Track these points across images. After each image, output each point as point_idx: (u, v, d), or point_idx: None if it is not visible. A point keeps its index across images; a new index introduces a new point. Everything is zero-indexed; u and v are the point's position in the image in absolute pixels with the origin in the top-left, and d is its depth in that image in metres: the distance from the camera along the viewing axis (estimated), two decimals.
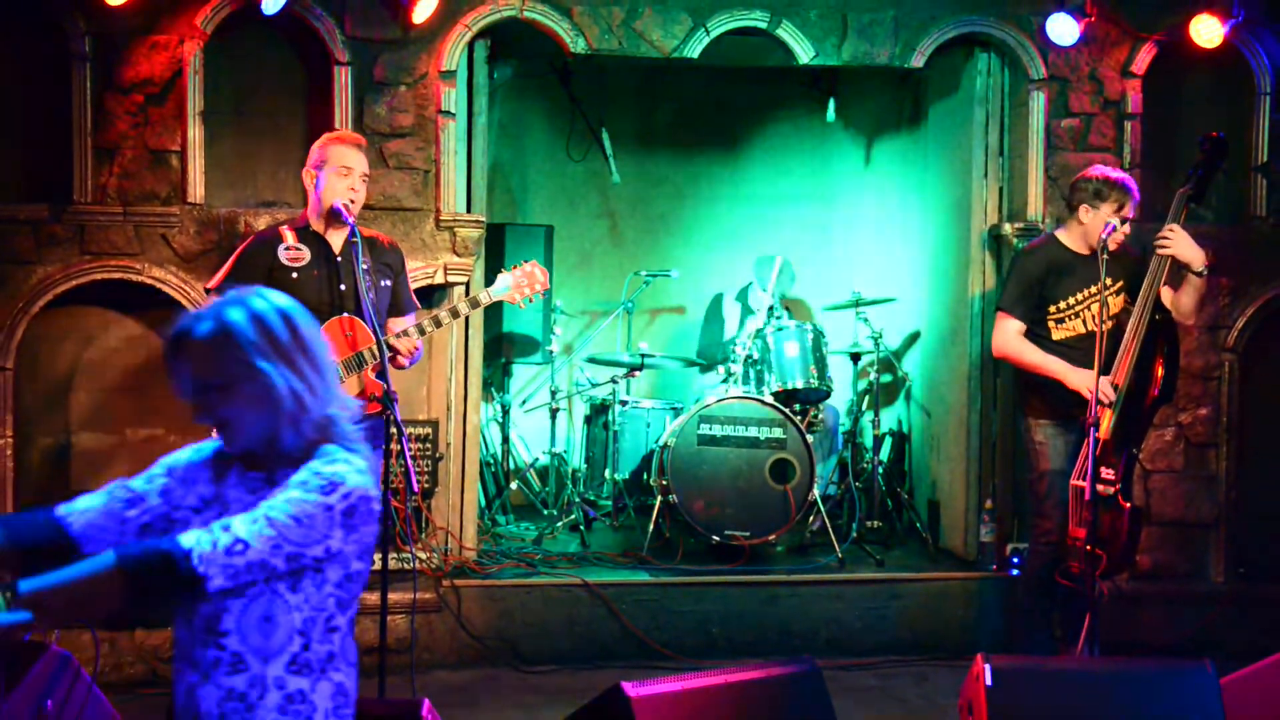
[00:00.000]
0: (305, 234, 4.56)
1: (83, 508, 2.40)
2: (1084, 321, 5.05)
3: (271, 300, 2.39)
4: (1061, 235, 5.15)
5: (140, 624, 5.22)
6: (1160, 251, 4.85)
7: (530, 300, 4.84)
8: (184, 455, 2.49)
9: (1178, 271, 4.91)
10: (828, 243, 8.32)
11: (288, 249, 4.49)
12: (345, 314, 4.47)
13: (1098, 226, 4.93)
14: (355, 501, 2.28)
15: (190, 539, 2.18)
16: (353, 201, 4.51)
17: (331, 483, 2.26)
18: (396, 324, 4.69)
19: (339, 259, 4.54)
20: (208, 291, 4.58)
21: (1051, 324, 5.06)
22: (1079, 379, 4.86)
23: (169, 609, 2.30)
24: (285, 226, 4.60)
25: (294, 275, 4.46)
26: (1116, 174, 5.01)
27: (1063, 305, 5.05)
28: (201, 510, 2.40)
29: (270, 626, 2.29)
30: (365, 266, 4.45)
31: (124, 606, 2.16)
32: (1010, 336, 5.09)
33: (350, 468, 2.31)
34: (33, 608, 2.11)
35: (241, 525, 2.21)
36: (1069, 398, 4.90)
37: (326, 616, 2.34)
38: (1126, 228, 4.95)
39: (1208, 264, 4.91)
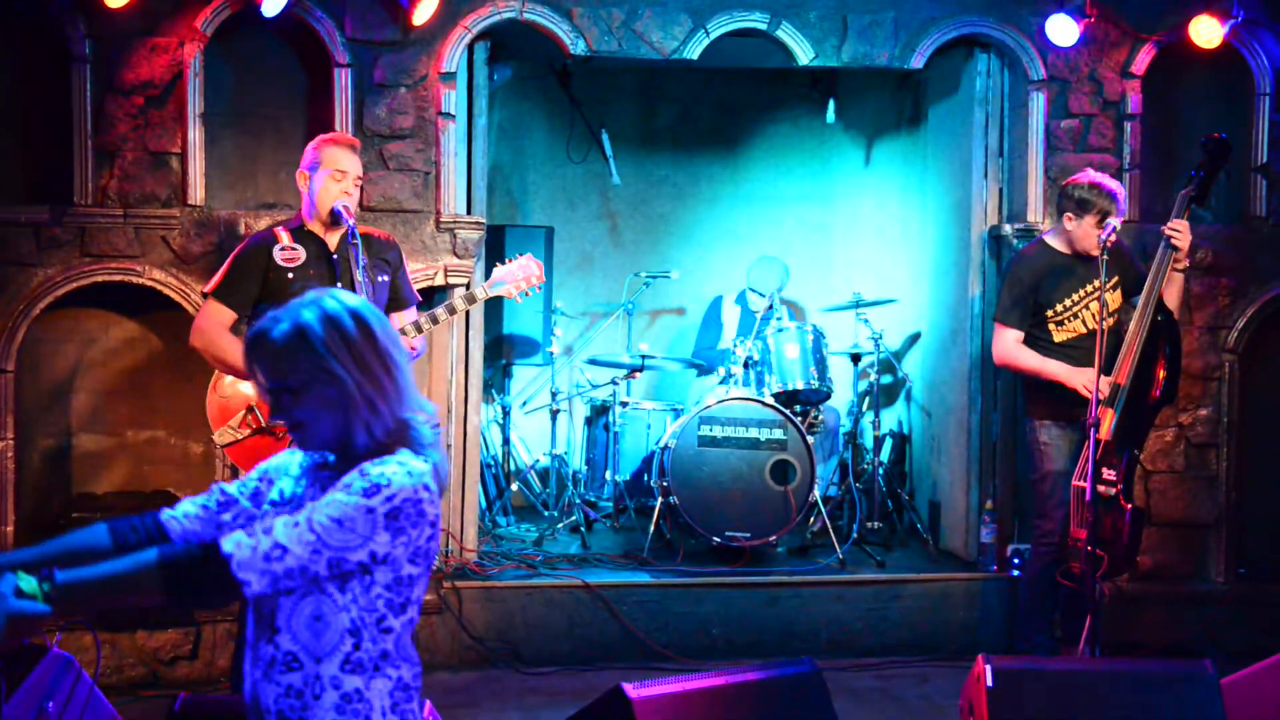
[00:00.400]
0: (300, 234, 4.56)
1: (183, 512, 2.45)
2: (1083, 321, 5.07)
3: (345, 302, 2.38)
4: (1051, 240, 5.18)
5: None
6: (1174, 240, 4.87)
7: (527, 294, 4.81)
8: (279, 458, 2.53)
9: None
10: (828, 244, 8.33)
11: (282, 249, 4.49)
12: None
13: (1082, 234, 5.00)
14: (400, 504, 2.25)
15: (231, 543, 2.18)
16: (347, 203, 4.51)
17: (375, 484, 2.24)
18: (398, 319, 4.69)
19: (335, 257, 4.54)
20: (205, 296, 4.57)
21: (1052, 327, 5.09)
22: (1079, 379, 4.87)
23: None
24: (280, 228, 4.60)
25: (289, 275, 4.46)
26: (1103, 182, 5.02)
27: (1059, 309, 5.07)
28: (279, 508, 2.41)
29: (321, 626, 2.27)
30: (363, 264, 4.44)
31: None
32: (1009, 345, 5.13)
33: (400, 469, 2.27)
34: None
35: (283, 529, 2.21)
36: (1073, 398, 4.91)
37: (378, 618, 2.31)
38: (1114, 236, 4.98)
39: (1189, 263, 5.05)
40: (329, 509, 2.22)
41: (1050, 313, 5.08)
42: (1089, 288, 5.05)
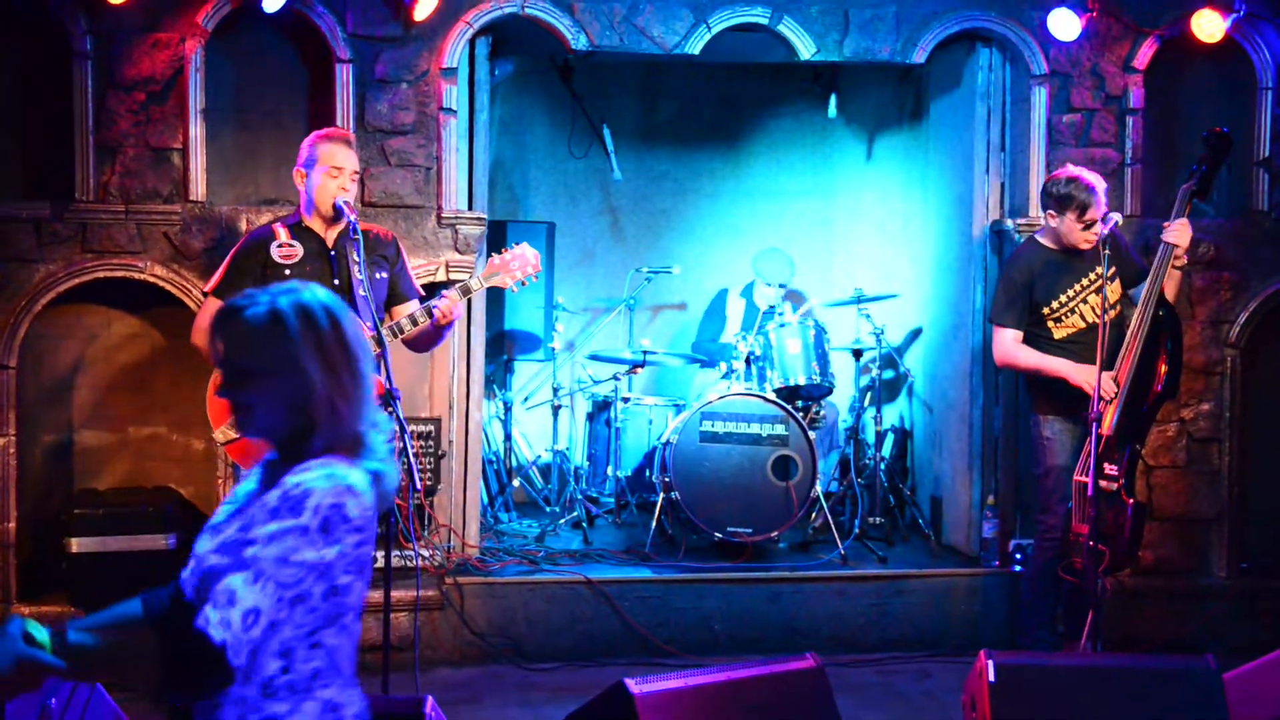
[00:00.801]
0: (298, 230, 4.56)
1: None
2: (1081, 316, 5.07)
3: (323, 298, 2.32)
4: (1042, 238, 5.19)
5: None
6: (1167, 238, 4.88)
7: (524, 283, 4.75)
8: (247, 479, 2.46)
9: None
10: (829, 239, 8.32)
11: (280, 246, 4.49)
12: None
13: (1066, 230, 5.05)
14: (327, 513, 2.16)
15: (216, 629, 2.07)
16: (347, 199, 4.50)
17: (297, 500, 2.16)
18: (398, 313, 4.68)
19: (333, 254, 4.53)
20: (206, 295, 4.57)
21: (1050, 324, 5.09)
22: (1082, 375, 4.87)
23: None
24: (279, 224, 4.60)
25: (287, 272, 4.46)
26: (1080, 175, 5.05)
27: (1055, 305, 5.07)
28: (232, 517, 2.32)
29: (259, 655, 2.19)
30: (361, 259, 4.43)
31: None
32: (1008, 345, 5.13)
33: (319, 474, 2.20)
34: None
35: (245, 589, 2.11)
36: (1076, 393, 4.91)
37: (308, 631, 2.22)
38: (1100, 228, 4.98)
39: (1188, 260, 5.09)
40: (269, 547, 2.13)
41: (1047, 310, 5.08)
42: (1084, 281, 5.05)
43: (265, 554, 2.13)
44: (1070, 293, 5.07)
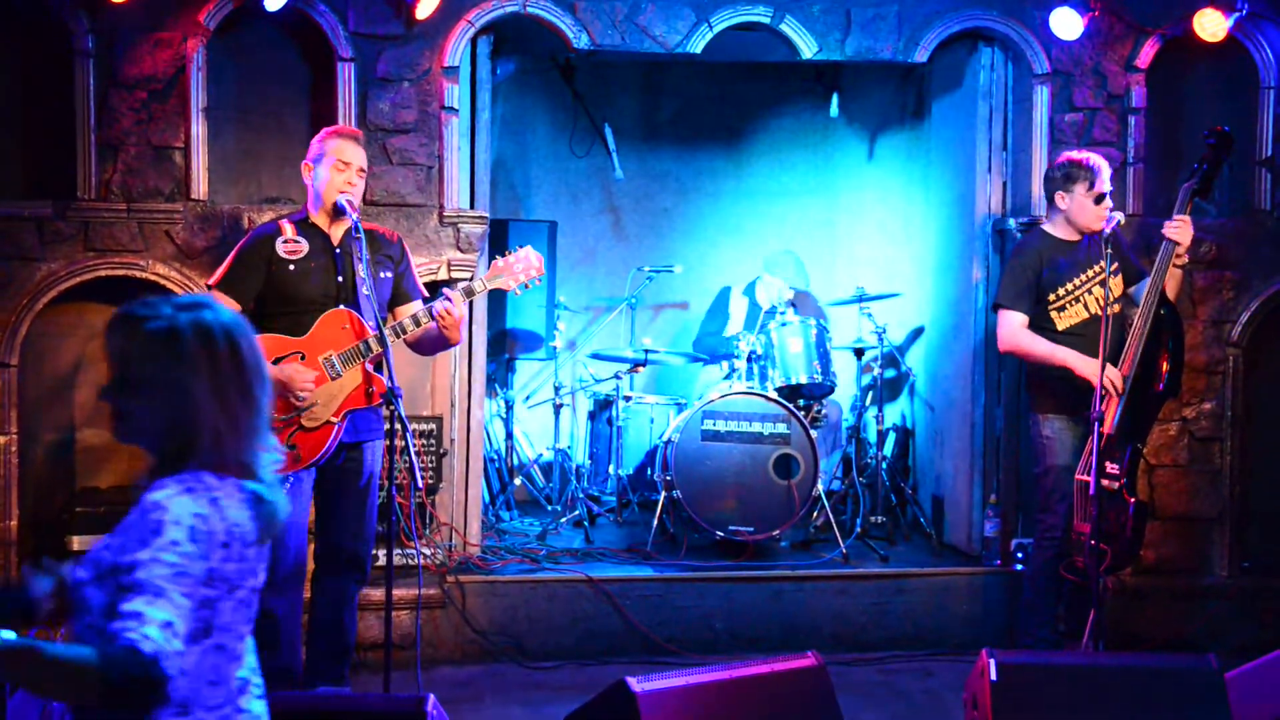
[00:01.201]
0: (304, 227, 4.56)
1: None
2: (1085, 306, 5.05)
3: (226, 320, 2.27)
4: (1048, 228, 5.17)
5: None
6: (1169, 235, 4.87)
7: (527, 286, 4.75)
8: None
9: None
10: (831, 238, 8.32)
11: (285, 242, 4.49)
12: (343, 306, 4.47)
13: (1078, 207, 5.02)
14: (190, 523, 2.12)
15: (148, 644, 2.00)
16: (350, 196, 4.49)
17: (158, 521, 2.10)
18: (402, 313, 4.68)
19: (338, 251, 4.54)
20: (209, 288, 4.57)
21: (1054, 314, 5.06)
22: (1088, 367, 4.84)
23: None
24: (285, 220, 4.60)
25: (291, 268, 4.46)
26: (1079, 154, 5.09)
27: (1061, 293, 5.05)
28: (114, 535, 2.24)
29: None
30: (365, 258, 4.43)
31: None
32: (1016, 330, 5.08)
33: (176, 488, 2.15)
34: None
35: (150, 609, 2.04)
36: (1077, 391, 4.89)
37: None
38: (1109, 202, 5.00)
39: (1189, 259, 5.06)
40: (157, 569, 2.07)
41: (1052, 296, 5.06)
42: (1089, 273, 5.04)
43: (152, 572, 2.07)
44: (1076, 281, 5.05)
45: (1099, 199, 4.98)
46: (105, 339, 2.27)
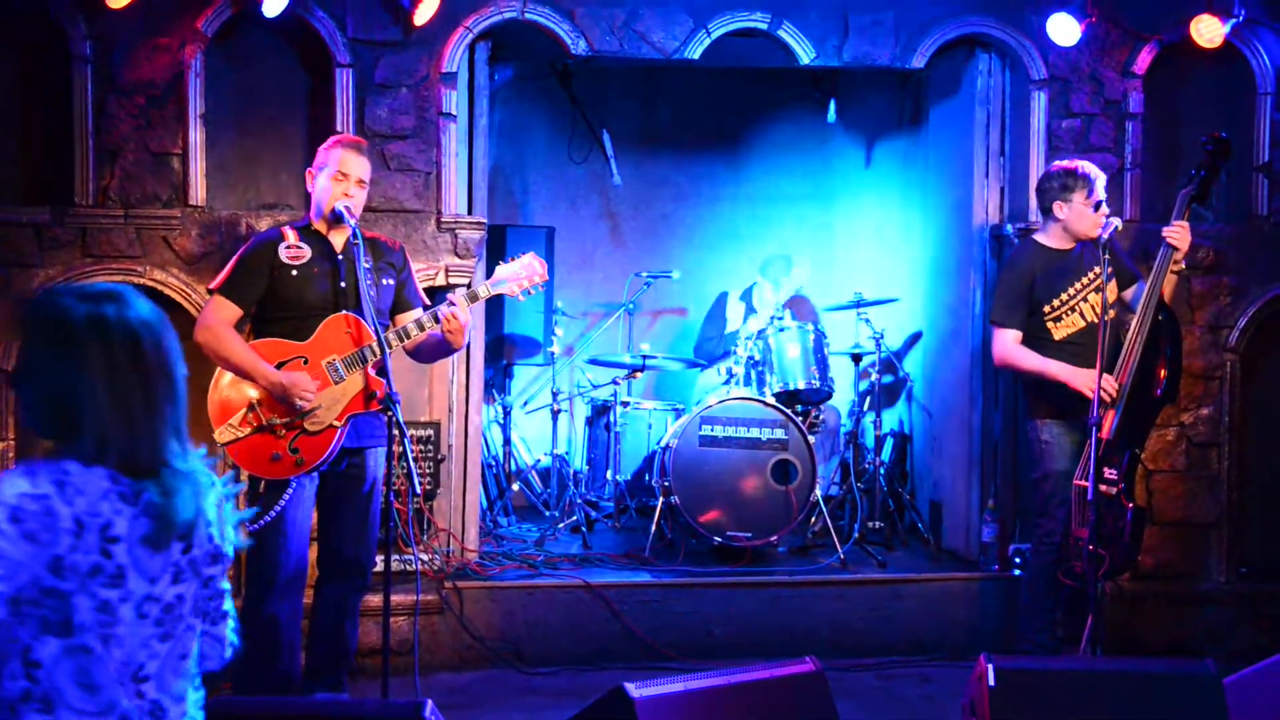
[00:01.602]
0: (307, 233, 4.56)
1: None
2: (1081, 315, 5.06)
3: (134, 316, 2.20)
4: (1041, 238, 5.17)
5: None
6: (1169, 240, 4.87)
7: (529, 293, 4.75)
8: None
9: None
10: (829, 243, 8.33)
11: (288, 247, 4.49)
12: (346, 311, 4.47)
13: (1077, 215, 5.02)
14: (16, 507, 2.05)
15: None
16: (349, 205, 4.49)
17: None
18: (402, 320, 4.69)
19: (340, 257, 4.54)
20: (210, 293, 4.57)
21: (1050, 324, 5.07)
22: (1082, 379, 4.86)
23: None
24: (288, 226, 4.60)
25: (294, 273, 4.46)
26: (1071, 163, 5.09)
27: (1056, 304, 5.06)
28: None
29: None
30: (367, 266, 4.44)
31: None
32: (1009, 346, 5.10)
33: (17, 475, 2.08)
34: None
35: None
36: (1074, 396, 4.90)
37: (21, 648, 2.08)
38: (1106, 209, 5.00)
39: (1185, 266, 5.09)
40: None
41: (1048, 308, 5.06)
42: (1084, 280, 5.04)
43: None
44: (1071, 291, 5.06)
45: (1097, 206, 4.99)
46: (14, 316, 2.26)
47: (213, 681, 5.16)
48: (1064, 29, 5.76)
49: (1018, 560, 5.88)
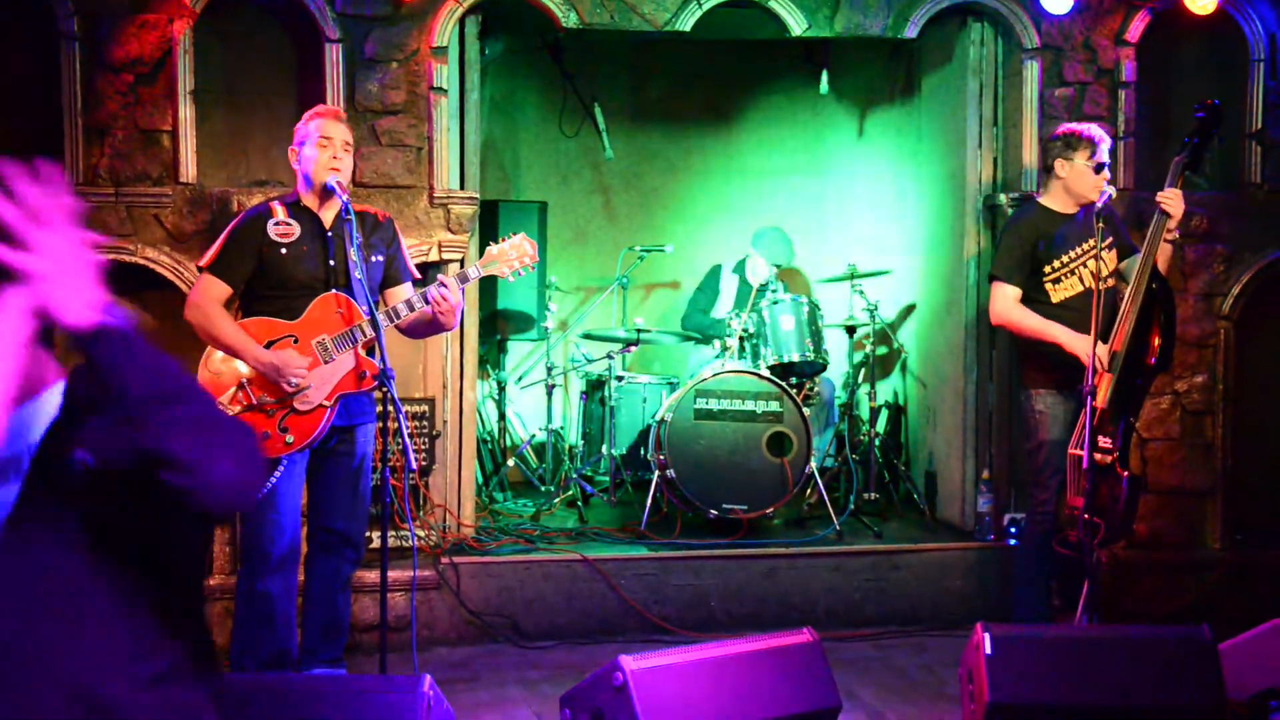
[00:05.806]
0: (296, 209, 4.53)
1: None
2: (1080, 278, 5.05)
3: None
4: (1044, 200, 5.16)
5: None
6: (1163, 206, 4.85)
7: (520, 274, 4.75)
8: None
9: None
10: (822, 215, 8.31)
11: (277, 224, 4.46)
12: (336, 289, 4.45)
13: (1078, 175, 5.01)
14: None
15: None
16: (337, 170, 4.45)
17: None
18: (393, 295, 4.67)
19: (329, 234, 4.51)
20: (200, 270, 4.55)
21: (1049, 286, 5.06)
22: (1079, 345, 4.85)
23: None
24: (276, 202, 4.57)
25: (283, 251, 4.44)
26: (1079, 125, 5.08)
27: (1056, 265, 5.05)
28: None
29: None
30: (357, 241, 4.42)
31: None
32: (1009, 303, 5.08)
33: None
34: None
35: None
36: (1069, 366, 4.90)
37: None
38: (1107, 174, 4.98)
39: (1179, 234, 5.02)
40: None
41: (1048, 268, 5.05)
42: (1085, 245, 5.03)
43: None
44: (1072, 254, 5.05)
45: (1099, 168, 4.97)
46: None
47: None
48: None
49: (1013, 530, 5.90)
